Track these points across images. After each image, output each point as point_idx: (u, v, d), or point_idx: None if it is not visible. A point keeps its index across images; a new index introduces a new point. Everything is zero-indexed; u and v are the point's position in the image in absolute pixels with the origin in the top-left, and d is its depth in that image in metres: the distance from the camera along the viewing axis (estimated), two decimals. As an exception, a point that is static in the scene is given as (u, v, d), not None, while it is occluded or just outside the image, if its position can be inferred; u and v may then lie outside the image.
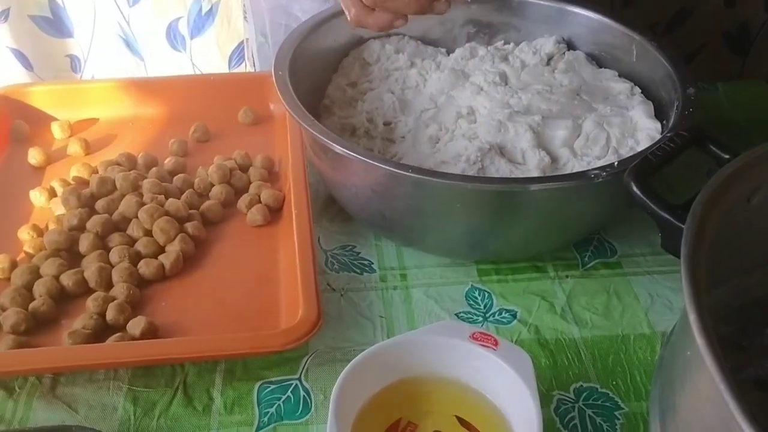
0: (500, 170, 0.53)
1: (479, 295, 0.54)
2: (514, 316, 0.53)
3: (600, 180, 0.47)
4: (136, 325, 0.49)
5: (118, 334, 0.49)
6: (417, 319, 0.52)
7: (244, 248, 0.58)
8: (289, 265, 0.54)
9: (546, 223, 0.53)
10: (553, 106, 0.58)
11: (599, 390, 0.48)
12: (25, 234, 0.57)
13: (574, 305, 0.54)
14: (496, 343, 0.42)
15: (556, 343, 0.51)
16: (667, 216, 0.41)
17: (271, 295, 0.53)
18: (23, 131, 0.69)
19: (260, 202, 0.61)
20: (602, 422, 0.46)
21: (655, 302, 0.54)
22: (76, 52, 1.00)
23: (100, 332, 0.49)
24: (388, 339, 0.45)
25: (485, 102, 0.59)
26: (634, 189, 0.43)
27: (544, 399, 0.46)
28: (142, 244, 0.56)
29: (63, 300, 0.52)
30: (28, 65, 0.99)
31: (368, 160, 0.49)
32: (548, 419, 0.45)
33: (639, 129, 0.57)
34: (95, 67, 1.01)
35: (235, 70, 1.02)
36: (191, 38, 0.94)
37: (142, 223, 0.57)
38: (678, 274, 0.33)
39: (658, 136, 0.55)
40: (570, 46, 0.68)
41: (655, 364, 0.46)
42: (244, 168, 0.65)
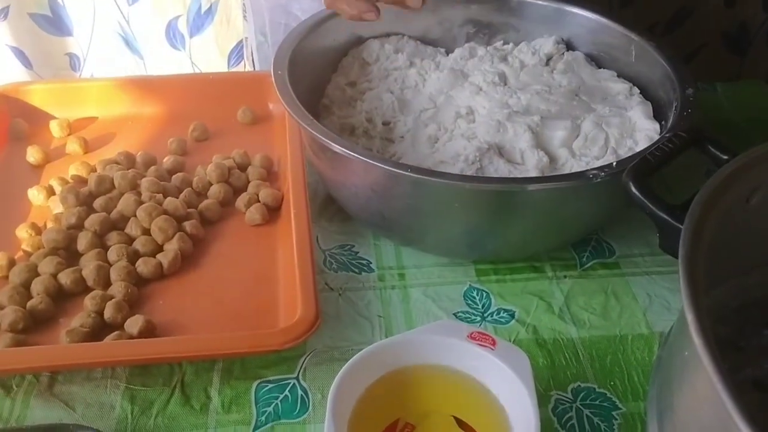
0: (499, 170, 0.53)
1: (477, 294, 0.54)
2: (512, 316, 0.53)
3: (598, 180, 0.47)
4: (134, 324, 0.49)
5: (116, 332, 0.49)
6: (415, 319, 0.52)
7: (242, 247, 0.58)
8: (287, 264, 0.54)
9: (544, 223, 0.53)
10: (552, 106, 0.58)
11: (597, 390, 0.48)
12: (23, 232, 0.57)
13: (572, 305, 0.54)
14: (494, 343, 0.42)
15: (554, 343, 0.51)
16: (665, 216, 0.41)
17: (270, 294, 0.53)
18: (22, 129, 0.69)
19: (259, 202, 0.61)
20: (600, 422, 0.46)
21: (653, 303, 0.54)
22: (75, 51, 1.00)
23: (98, 331, 0.49)
24: (386, 338, 0.45)
25: (484, 102, 0.59)
26: (633, 189, 0.43)
27: (542, 399, 0.46)
28: (141, 243, 0.56)
29: (61, 298, 0.52)
30: (27, 63, 0.99)
31: (367, 160, 0.49)
32: (546, 419, 0.45)
33: (638, 129, 0.57)
34: (94, 65, 1.01)
35: (234, 69, 1.02)
36: (190, 37, 0.94)
37: (141, 221, 0.57)
38: (676, 274, 0.32)
39: (656, 137, 0.55)
40: (569, 47, 0.68)
41: (653, 364, 0.46)
42: (243, 167, 0.65)
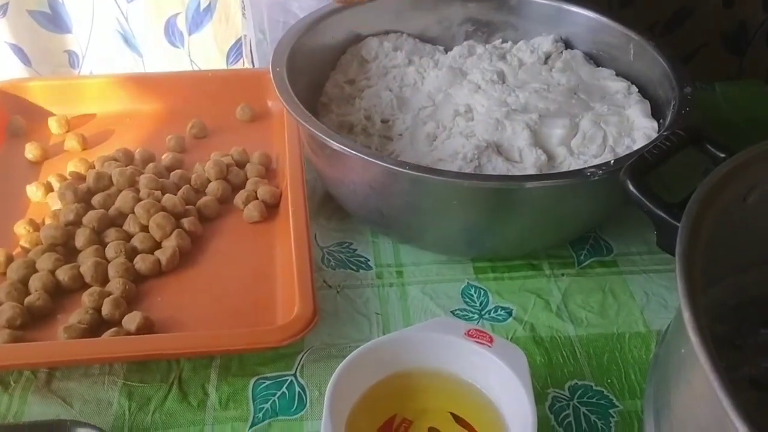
0: (497, 168, 0.53)
1: (475, 292, 0.55)
2: (510, 313, 0.53)
3: (596, 178, 0.47)
4: (131, 320, 0.49)
5: (114, 329, 0.49)
6: (413, 316, 0.52)
7: (240, 244, 0.58)
8: (285, 261, 0.54)
9: (542, 221, 0.53)
10: (551, 104, 0.58)
11: (594, 388, 0.48)
12: (21, 229, 0.57)
13: (570, 303, 0.54)
14: (491, 340, 0.42)
15: (551, 341, 0.51)
16: (662, 214, 0.41)
17: (268, 291, 0.53)
18: (20, 126, 0.69)
19: (257, 199, 0.61)
20: (597, 420, 0.46)
21: (650, 301, 0.54)
22: (74, 48, 1.00)
23: (96, 327, 0.49)
24: (384, 336, 0.45)
25: (483, 100, 0.59)
26: (630, 187, 0.43)
27: (539, 396, 0.46)
28: (139, 240, 0.56)
29: (59, 295, 0.52)
30: (26, 60, 0.99)
31: (366, 157, 0.49)
32: (543, 417, 0.46)
33: (636, 128, 0.57)
34: (93, 63, 1.01)
35: (233, 67, 1.02)
36: (189, 34, 0.94)
37: (139, 218, 0.57)
38: (673, 273, 0.32)
39: (654, 135, 0.55)
40: (568, 45, 0.68)
41: (650, 362, 0.46)
42: (241, 164, 0.65)
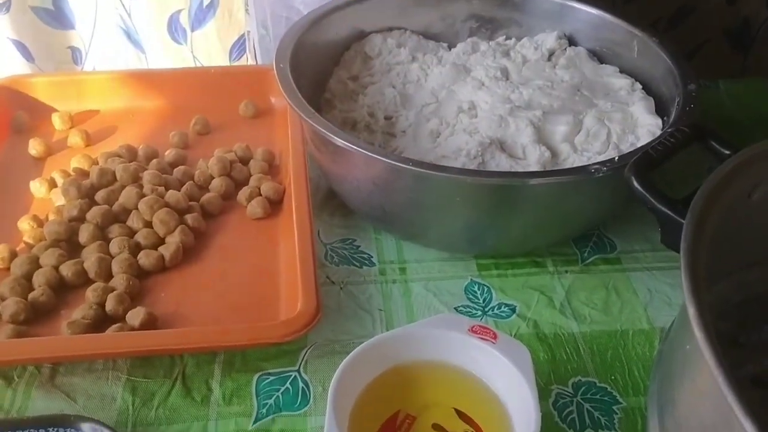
0: (501, 165, 0.53)
1: (478, 289, 0.55)
2: (513, 310, 0.53)
3: (600, 175, 0.47)
4: (135, 316, 0.49)
5: (118, 324, 0.49)
6: (416, 313, 0.52)
7: (243, 240, 0.58)
8: (288, 257, 0.54)
9: (546, 218, 0.53)
10: (554, 101, 0.58)
11: (598, 384, 0.48)
12: (25, 224, 0.57)
13: (573, 300, 0.54)
14: (494, 337, 0.42)
15: (554, 338, 0.51)
16: (667, 211, 0.40)
17: (271, 287, 0.53)
18: (24, 122, 0.69)
19: (260, 195, 0.61)
20: (600, 416, 0.46)
21: (654, 298, 0.54)
22: (77, 44, 1.00)
23: (100, 323, 0.49)
24: (387, 332, 0.45)
25: (486, 97, 0.59)
26: (635, 183, 0.43)
27: (543, 393, 0.46)
28: (142, 236, 0.56)
29: (62, 290, 0.52)
30: (29, 57, 0.99)
31: (369, 153, 0.49)
32: (546, 413, 0.46)
33: (640, 125, 0.57)
34: (96, 59, 1.01)
35: (236, 63, 1.01)
36: (192, 31, 0.94)
37: (142, 214, 0.57)
38: (677, 270, 0.32)
39: (658, 132, 0.55)
40: (571, 42, 0.68)
41: (654, 359, 0.46)
42: (245, 161, 0.65)
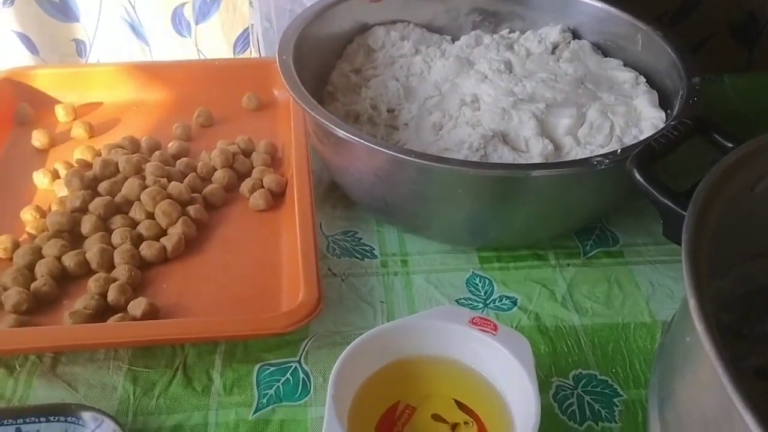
0: (503, 158, 0.53)
1: (480, 281, 0.54)
2: (515, 303, 0.53)
3: (602, 167, 0.46)
4: (137, 306, 0.49)
5: (119, 314, 0.49)
6: (417, 305, 0.52)
7: (245, 232, 0.58)
8: (290, 249, 0.54)
9: (548, 211, 0.53)
10: (558, 94, 0.58)
11: (598, 377, 0.48)
12: (28, 215, 0.57)
13: (575, 293, 0.54)
14: (495, 328, 0.42)
15: (556, 331, 0.51)
16: (669, 203, 0.40)
17: (273, 278, 0.53)
18: (27, 114, 0.69)
19: (263, 187, 0.61)
20: (600, 409, 0.46)
21: (656, 291, 0.54)
22: (81, 37, 1.00)
23: (101, 313, 0.50)
24: (388, 323, 0.45)
25: (489, 90, 0.58)
26: (637, 176, 0.43)
27: (543, 385, 0.46)
28: (144, 227, 0.56)
29: (64, 280, 0.53)
30: (33, 49, 0.99)
31: (371, 145, 0.49)
32: (547, 405, 0.45)
33: (643, 118, 0.57)
34: (101, 51, 1.01)
35: (240, 56, 1.01)
36: (196, 24, 0.94)
37: (145, 205, 0.57)
38: (679, 263, 0.32)
39: (662, 125, 0.55)
40: (575, 36, 0.68)
41: (655, 351, 0.46)
42: (247, 153, 0.65)
